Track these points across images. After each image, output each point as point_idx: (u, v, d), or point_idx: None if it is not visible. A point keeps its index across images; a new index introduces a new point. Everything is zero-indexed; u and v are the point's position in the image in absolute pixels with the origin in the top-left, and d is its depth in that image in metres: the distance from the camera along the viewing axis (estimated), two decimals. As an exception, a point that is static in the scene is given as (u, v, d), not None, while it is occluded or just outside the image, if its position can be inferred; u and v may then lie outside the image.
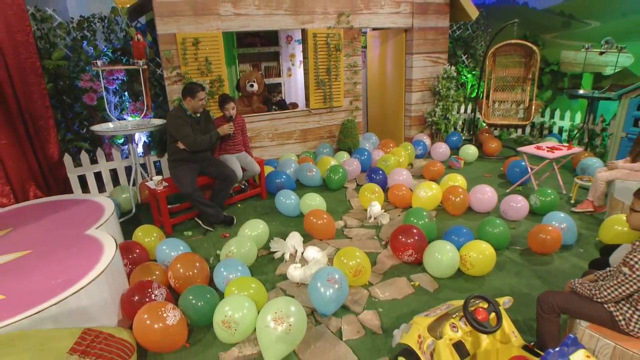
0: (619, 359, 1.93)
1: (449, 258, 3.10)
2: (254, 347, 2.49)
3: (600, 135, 6.56)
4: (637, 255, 1.83)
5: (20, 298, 2.30)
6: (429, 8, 6.52)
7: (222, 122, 4.46)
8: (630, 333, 1.92)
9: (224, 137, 4.45)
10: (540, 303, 2.19)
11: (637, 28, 6.39)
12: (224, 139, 4.52)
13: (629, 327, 1.91)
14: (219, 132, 4.25)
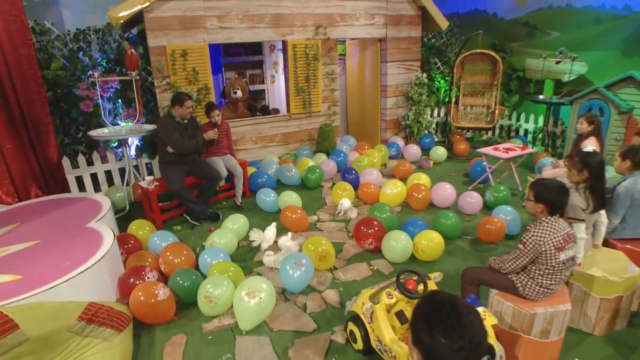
0: (517, 316, 2.43)
1: (402, 245, 3.61)
2: (232, 318, 2.97)
3: (560, 137, 7.13)
4: (528, 234, 2.34)
5: (35, 278, 2.74)
6: (401, 19, 7.04)
7: (208, 127, 4.92)
8: (526, 297, 2.43)
9: (210, 142, 4.91)
10: (463, 277, 2.70)
11: (591, 39, 6.95)
12: (210, 143, 4.97)
13: (525, 292, 2.42)
14: (205, 137, 4.71)
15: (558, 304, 2.42)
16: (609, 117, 5.78)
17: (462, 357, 1.12)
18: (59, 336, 2.42)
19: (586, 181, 2.73)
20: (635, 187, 2.99)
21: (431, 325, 1.16)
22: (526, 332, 2.43)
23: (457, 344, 1.11)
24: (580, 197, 2.72)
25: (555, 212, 2.33)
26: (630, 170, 3.06)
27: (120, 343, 2.62)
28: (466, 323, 1.14)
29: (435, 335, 1.14)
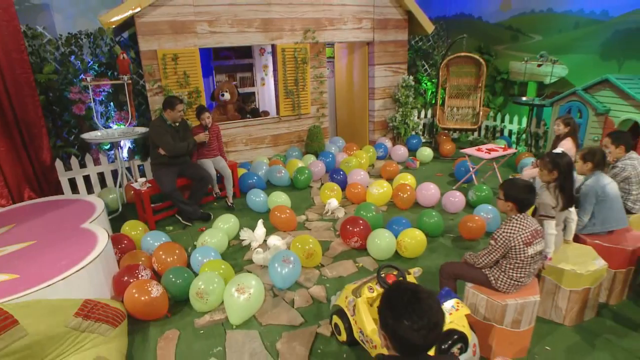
0: (490, 307, 2.60)
1: (386, 243, 3.77)
2: (222, 313, 3.11)
3: (543, 138, 7.36)
4: (499, 231, 2.51)
5: (32, 276, 2.85)
6: (388, 23, 7.21)
7: (199, 130, 5.04)
8: (498, 289, 2.60)
9: (201, 144, 5.03)
10: (441, 272, 2.86)
11: (571, 42, 7.18)
12: (201, 145, 5.10)
13: (497, 285, 2.59)
14: (196, 140, 4.84)
15: (528, 296, 2.60)
16: (587, 118, 6.00)
17: (422, 335, 1.28)
18: (57, 331, 2.53)
19: (556, 180, 2.91)
20: (598, 185, 3.20)
21: (395, 310, 1.32)
22: (499, 322, 2.60)
23: (417, 325, 1.27)
24: (550, 195, 2.90)
25: (523, 209, 2.50)
26: (592, 170, 3.28)
27: (116, 338, 2.74)
28: (425, 307, 1.30)
29: (399, 318, 1.29)
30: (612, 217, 3.25)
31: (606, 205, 3.20)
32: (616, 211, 3.25)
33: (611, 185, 3.23)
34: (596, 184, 3.20)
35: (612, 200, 3.21)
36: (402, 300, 1.32)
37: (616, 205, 3.25)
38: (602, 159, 3.28)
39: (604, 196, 3.19)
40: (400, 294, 1.35)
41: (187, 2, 5.54)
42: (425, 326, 1.28)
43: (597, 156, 3.23)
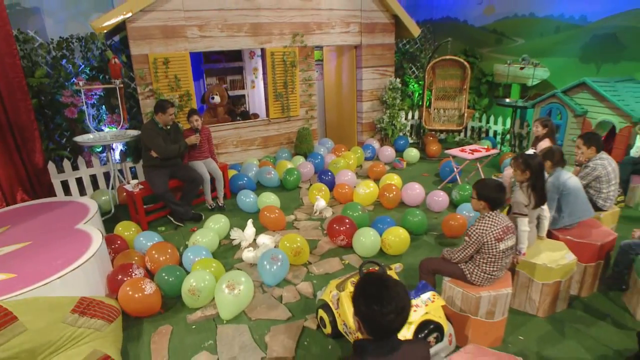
0: (465, 299, 2.77)
1: (371, 241, 3.93)
2: (214, 309, 3.25)
3: (526, 138, 7.58)
4: (472, 228, 2.68)
5: (29, 275, 2.96)
6: (375, 27, 7.38)
7: (190, 132, 5.16)
8: (473, 283, 2.77)
9: (192, 146, 5.15)
10: (420, 267, 3.03)
11: (552, 46, 7.41)
12: (192, 148, 5.22)
13: (472, 279, 2.76)
14: (187, 142, 4.96)
15: (501, 288, 2.77)
16: (567, 119, 6.23)
17: (391, 319, 1.44)
18: (55, 327, 2.65)
19: (528, 180, 3.09)
20: (559, 181, 3.45)
21: (366, 297, 1.47)
22: (474, 313, 2.77)
23: (386, 309, 1.43)
24: (523, 194, 3.08)
25: (495, 207, 2.67)
26: (552, 168, 3.53)
27: (111, 333, 2.87)
28: (392, 294, 1.46)
29: (370, 304, 1.45)
30: (578, 209, 3.47)
31: (570, 198, 3.42)
32: (581, 203, 3.48)
33: (572, 179, 3.47)
34: (557, 180, 3.44)
35: (575, 193, 3.43)
36: (372, 289, 1.48)
37: (580, 198, 3.48)
38: (560, 158, 3.53)
39: (567, 190, 3.42)
40: (371, 283, 1.51)
41: (177, 8, 5.66)
42: (393, 310, 1.44)
43: (555, 155, 3.50)
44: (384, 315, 1.44)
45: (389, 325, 1.46)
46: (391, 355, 1.49)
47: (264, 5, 6.20)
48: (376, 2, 7.20)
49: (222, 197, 5.42)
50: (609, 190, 3.87)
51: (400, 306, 1.45)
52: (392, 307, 1.44)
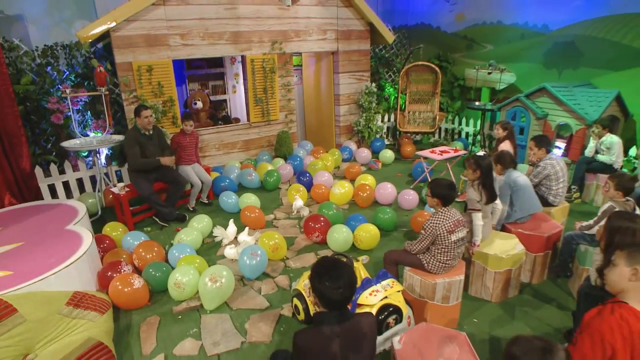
0: (423, 286, 3.12)
1: (344, 237, 4.26)
2: (198, 301, 3.53)
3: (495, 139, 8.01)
4: (427, 222, 3.03)
5: (24, 272, 3.20)
6: (351, 34, 7.73)
7: (179, 138, 5.44)
8: (430, 271, 3.11)
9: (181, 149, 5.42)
10: (384, 259, 3.36)
11: (518, 52, 7.87)
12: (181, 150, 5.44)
13: (429, 267, 3.10)
14: (160, 161, 5.07)
15: (454, 276, 3.12)
16: (529, 122, 6.67)
17: (340, 293, 1.77)
18: (51, 318, 2.90)
19: (479, 179, 3.46)
20: (509, 179, 3.87)
21: (320, 275, 1.80)
22: (431, 298, 3.12)
23: (336, 284, 1.76)
24: (475, 191, 3.45)
25: (446, 204, 3.03)
26: (502, 170, 3.95)
27: (104, 323, 3.12)
28: (342, 272, 1.78)
29: (323, 281, 1.77)
30: (527, 203, 3.88)
31: (520, 193, 3.83)
32: (529, 198, 3.89)
33: (521, 177, 3.89)
34: (508, 179, 3.86)
35: (524, 189, 3.84)
36: (324, 268, 1.81)
37: (528, 193, 3.88)
38: (510, 161, 3.95)
39: (517, 186, 3.83)
40: (323, 264, 1.84)
41: (160, 17, 5.90)
42: (342, 285, 1.76)
43: (506, 159, 3.92)
44: (335, 289, 1.76)
45: (340, 297, 1.78)
46: (343, 324, 1.81)
47: (243, 15, 6.49)
48: (352, 11, 7.54)
49: (206, 196, 5.70)
50: (557, 187, 4.27)
51: (347, 282, 1.78)
52: (341, 283, 1.76)
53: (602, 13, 6.60)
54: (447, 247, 3.00)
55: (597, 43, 6.71)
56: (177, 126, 6.32)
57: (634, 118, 6.43)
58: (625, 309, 1.76)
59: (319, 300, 1.83)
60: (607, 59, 6.62)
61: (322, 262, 1.87)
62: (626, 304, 1.78)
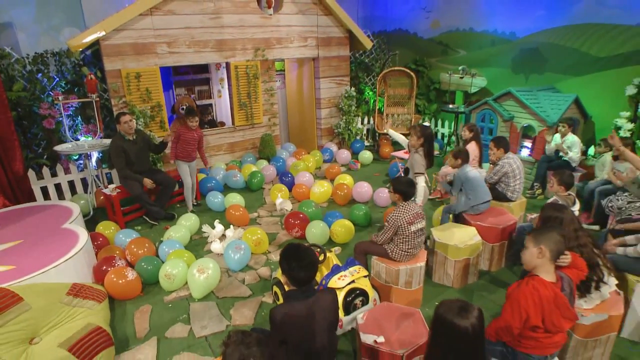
0: (388, 272, 3.51)
1: (321, 232, 4.64)
2: (186, 291, 3.87)
3: (468, 140, 8.47)
4: (390, 215, 3.42)
5: (26, 267, 3.51)
6: (331, 41, 8.11)
7: (183, 129, 5.58)
8: (394, 259, 3.50)
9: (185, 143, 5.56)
10: (355, 249, 3.74)
11: (489, 57, 8.34)
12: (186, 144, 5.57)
13: (393, 256, 3.49)
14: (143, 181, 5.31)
15: (415, 263, 3.52)
16: (497, 124, 7.12)
17: (306, 272, 2.14)
18: (54, 306, 3.22)
19: (422, 145, 4.03)
20: (462, 172, 4.33)
21: (287, 258, 2.17)
22: (395, 283, 3.51)
23: (302, 264, 2.13)
24: (421, 157, 3.95)
25: (406, 198, 3.42)
26: (461, 164, 4.38)
27: (101, 310, 3.44)
28: (305, 254, 2.16)
29: (290, 262, 2.15)
30: (479, 192, 4.33)
31: (471, 184, 4.29)
32: (480, 188, 4.34)
33: (471, 172, 4.35)
34: (461, 172, 4.34)
35: (473, 180, 4.31)
36: (290, 252, 2.19)
37: (478, 184, 4.34)
38: (466, 157, 4.41)
39: (468, 178, 4.29)
40: (290, 249, 2.22)
41: (147, 26, 6.21)
42: (306, 265, 2.14)
43: (463, 155, 4.38)
44: (301, 268, 2.14)
45: (305, 276, 2.16)
46: (309, 299, 2.19)
47: (227, 23, 6.83)
48: (331, 19, 7.93)
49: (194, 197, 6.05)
50: (515, 183, 4.71)
51: (311, 262, 2.16)
52: (306, 263, 2.14)
53: (562, 22, 7.08)
54: (407, 236, 3.39)
55: (559, 50, 7.20)
56: (165, 130, 6.64)
57: (593, 120, 6.93)
58: (536, 280, 2.17)
59: (289, 279, 2.20)
60: (568, 65, 7.11)
61: (288, 247, 2.25)
62: (537, 276, 2.19)
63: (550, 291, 2.12)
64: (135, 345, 3.29)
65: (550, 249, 2.15)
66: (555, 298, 2.12)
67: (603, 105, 6.69)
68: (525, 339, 2.23)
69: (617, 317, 2.81)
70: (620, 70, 6.43)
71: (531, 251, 2.20)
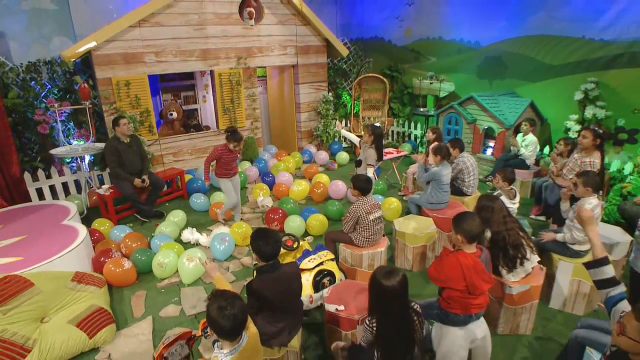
0: (353, 257, 4.06)
1: (297, 225, 5.17)
2: (177, 277, 4.37)
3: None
4: (351, 207, 3.98)
5: (33, 257, 3.95)
6: (309, 49, 8.66)
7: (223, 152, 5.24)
8: (358, 245, 4.06)
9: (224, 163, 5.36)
10: (325, 238, 4.29)
11: (457, 64, 8.97)
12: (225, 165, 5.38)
13: (357, 242, 4.05)
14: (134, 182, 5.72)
15: (377, 248, 4.08)
16: (462, 126, 7.75)
17: (272, 248, 2.67)
18: (61, 290, 3.68)
19: (372, 142, 4.74)
20: (440, 172, 4.82)
21: (255, 238, 2.70)
22: (359, 266, 4.07)
23: (268, 242, 2.66)
24: (373, 151, 4.63)
25: (365, 194, 3.98)
26: (440, 161, 4.87)
27: (102, 294, 3.92)
28: (271, 234, 2.69)
29: (258, 241, 2.67)
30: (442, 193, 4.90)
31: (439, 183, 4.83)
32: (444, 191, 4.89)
33: (447, 174, 4.86)
34: (439, 171, 4.81)
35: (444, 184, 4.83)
36: (258, 233, 2.71)
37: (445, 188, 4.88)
38: (447, 153, 4.89)
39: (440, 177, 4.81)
40: (257, 231, 2.75)
41: (136, 37, 6.66)
42: (272, 242, 2.67)
43: (443, 151, 4.85)
44: (268, 245, 2.66)
45: (271, 251, 2.68)
46: (276, 272, 2.72)
47: (211, 34, 7.31)
48: (309, 28, 8.48)
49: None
50: (469, 179, 5.31)
51: (274, 240, 2.69)
52: (270, 241, 2.67)
53: (521, 33, 7.74)
54: (367, 225, 3.95)
55: (518, 58, 7.86)
56: (153, 134, 7.09)
57: (549, 122, 7.60)
58: (459, 253, 2.74)
59: (257, 255, 2.73)
60: (526, 71, 7.77)
61: (257, 230, 2.78)
62: (461, 250, 2.76)
63: (470, 260, 2.69)
64: (133, 322, 3.77)
65: (465, 235, 2.72)
66: (474, 265, 2.69)
67: (557, 109, 7.36)
68: (453, 301, 2.80)
69: (538, 287, 3.40)
70: (570, 77, 7.11)
71: (456, 237, 2.78)
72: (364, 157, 4.95)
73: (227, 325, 1.99)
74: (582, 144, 4.71)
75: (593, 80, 6.65)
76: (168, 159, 7.44)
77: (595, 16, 6.58)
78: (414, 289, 4.20)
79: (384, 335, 2.39)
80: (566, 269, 3.72)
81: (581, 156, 4.78)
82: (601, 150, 4.75)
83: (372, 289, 2.44)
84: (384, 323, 2.39)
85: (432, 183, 4.89)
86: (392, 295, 2.35)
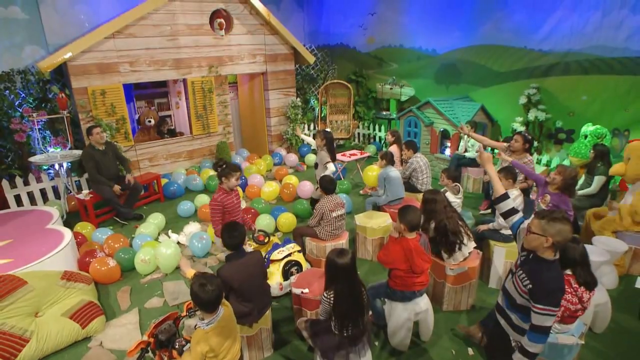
0: (318, 249, 4.58)
1: (267, 223, 5.64)
2: (159, 274, 4.77)
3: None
4: (318, 204, 4.49)
5: (23, 258, 4.28)
6: (277, 57, 9.13)
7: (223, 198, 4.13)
8: (322, 239, 4.58)
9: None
10: (293, 233, 4.79)
11: (416, 70, 9.62)
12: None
13: (322, 236, 4.57)
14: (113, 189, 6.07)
15: (338, 241, 4.61)
16: (420, 129, 8.39)
17: (236, 236, 3.15)
18: (52, 287, 4.03)
19: (325, 145, 5.37)
20: (385, 172, 5.44)
21: (225, 230, 3.17)
22: (323, 257, 4.56)
23: (234, 234, 3.14)
24: (325, 153, 5.24)
25: (329, 193, 4.50)
26: (385, 165, 5.47)
27: (90, 290, 4.29)
28: (236, 227, 3.17)
29: (224, 233, 3.15)
30: (396, 190, 5.47)
31: (391, 183, 5.43)
32: (397, 187, 5.48)
33: (393, 172, 5.45)
34: (384, 172, 5.44)
35: (393, 180, 5.43)
36: (228, 226, 3.19)
37: (397, 184, 5.48)
38: (391, 158, 5.47)
39: (389, 178, 5.40)
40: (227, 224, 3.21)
41: (110, 48, 6.97)
42: (238, 235, 3.15)
43: (387, 156, 5.44)
44: (234, 237, 3.14)
45: (236, 241, 3.16)
46: (242, 258, 3.19)
47: (184, 44, 7.68)
48: (277, 37, 8.95)
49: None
50: (422, 177, 5.92)
51: (239, 232, 3.17)
52: (235, 233, 3.15)
53: (473, 43, 8.44)
54: (330, 221, 4.48)
55: (470, 65, 8.56)
56: (129, 140, 7.41)
57: (499, 124, 8.33)
58: (403, 239, 3.30)
59: (225, 245, 3.20)
60: (478, 77, 8.48)
61: (227, 225, 3.25)
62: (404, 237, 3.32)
63: (412, 244, 3.25)
64: (121, 314, 4.17)
65: (407, 224, 3.27)
66: (415, 248, 3.25)
67: (505, 112, 8.10)
68: (399, 279, 3.35)
69: (474, 268, 4.00)
70: (515, 83, 7.86)
71: (399, 225, 3.33)
72: (319, 159, 5.58)
73: (206, 298, 2.46)
74: (513, 147, 5.36)
75: (535, 86, 7.41)
76: (144, 164, 7.77)
77: (534, 29, 7.34)
78: (373, 277, 4.75)
79: (340, 303, 2.89)
80: (500, 252, 4.35)
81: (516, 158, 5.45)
82: (530, 153, 5.44)
83: (328, 267, 2.94)
84: (339, 293, 2.89)
85: (386, 185, 5.47)
86: (344, 270, 2.86)
